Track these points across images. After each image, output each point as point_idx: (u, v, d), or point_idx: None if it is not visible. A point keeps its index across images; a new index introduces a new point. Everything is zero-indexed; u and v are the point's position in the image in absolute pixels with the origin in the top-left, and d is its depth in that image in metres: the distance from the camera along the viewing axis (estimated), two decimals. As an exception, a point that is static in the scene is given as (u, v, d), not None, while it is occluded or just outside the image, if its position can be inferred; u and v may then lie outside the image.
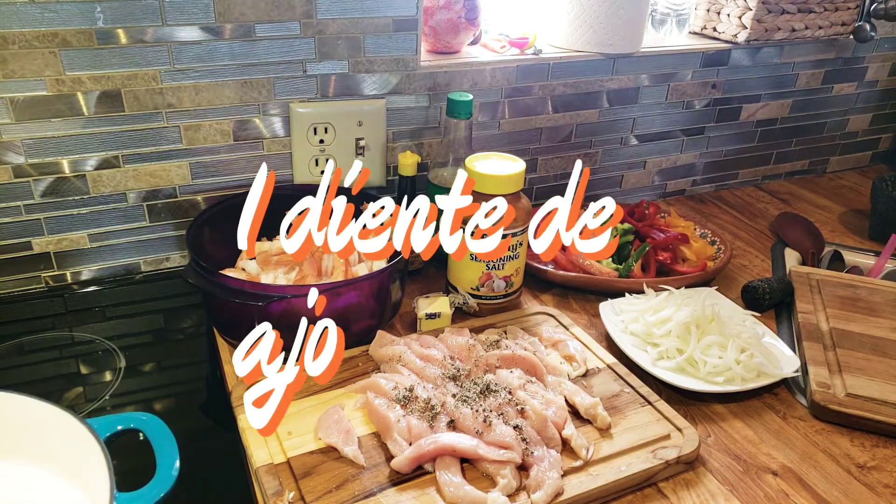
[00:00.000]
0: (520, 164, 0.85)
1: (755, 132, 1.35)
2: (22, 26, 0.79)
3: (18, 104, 0.82)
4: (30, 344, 0.83)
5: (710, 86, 1.23)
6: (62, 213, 0.90)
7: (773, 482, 0.69)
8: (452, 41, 1.03)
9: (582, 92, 1.13)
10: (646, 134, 1.23)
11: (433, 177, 0.96)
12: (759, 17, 1.15)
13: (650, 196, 1.31)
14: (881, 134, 1.52)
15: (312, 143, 0.97)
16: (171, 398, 0.77)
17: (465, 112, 0.92)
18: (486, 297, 0.89)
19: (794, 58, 1.29)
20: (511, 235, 0.85)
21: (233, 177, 0.97)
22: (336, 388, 0.74)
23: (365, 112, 0.98)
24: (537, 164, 1.17)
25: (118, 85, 0.86)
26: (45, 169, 0.87)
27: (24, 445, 0.58)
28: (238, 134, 0.94)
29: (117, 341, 0.83)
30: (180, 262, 0.99)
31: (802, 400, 0.80)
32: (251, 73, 0.91)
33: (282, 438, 0.66)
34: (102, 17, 0.81)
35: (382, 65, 0.97)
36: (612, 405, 0.73)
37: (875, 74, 1.41)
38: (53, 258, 0.92)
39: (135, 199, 0.93)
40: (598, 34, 1.08)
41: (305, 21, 0.91)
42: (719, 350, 0.80)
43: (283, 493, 0.61)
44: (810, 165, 1.47)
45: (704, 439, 0.73)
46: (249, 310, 0.74)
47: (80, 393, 0.76)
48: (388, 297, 0.82)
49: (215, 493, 0.66)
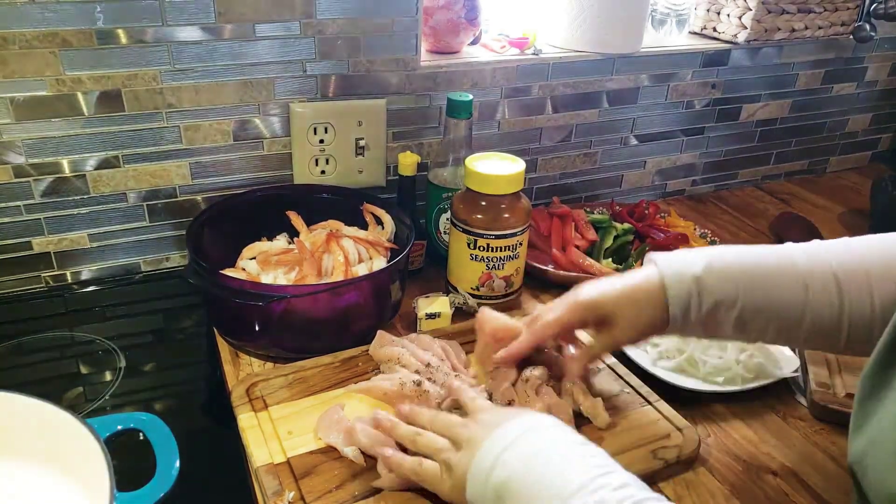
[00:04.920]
0: (520, 164, 0.85)
1: (755, 132, 1.35)
2: (22, 26, 0.79)
3: (18, 104, 0.82)
4: (30, 344, 0.83)
5: (710, 86, 1.23)
6: (62, 213, 0.90)
7: (773, 482, 0.69)
8: (452, 41, 1.03)
9: (582, 92, 1.13)
10: (646, 134, 1.23)
11: (433, 177, 0.96)
12: (758, 17, 1.15)
13: (650, 196, 1.31)
14: (881, 134, 1.52)
15: (312, 143, 0.97)
16: (171, 398, 0.77)
17: (465, 112, 0.92)
18: (486, 297, 0.89)
19: (794, 58, 1.29)
20: (511, 236, 0.85)
21: (233, 177, 0.97)
22: (336, 387, 0.74)
23: (365, 112, 0.98)
24: (537, 164, 1.17)
25: (118, 85, 0.86)
26: (45, 169, 0.87)
27: (24, 445, 0.58)
28: (238, 134, 0.94)
29: (117, 341, 0.83)
30: (180, 262, 0.99)
31: (802, 400, 0.80)
32: (251, 73, 0.91)
33: (282, 438, 0.66)
34: (102, 17, 0.81)
35: (382, 65, 0.97)
36: (612, 405, 0.73)
37: (875, 74, 1.41)
38: (53, 258, 0.92)
39: (135, 199, 0.93)
40: (597, 34, 1.08)
41: (305, 21, 0.91)
42: (719, 350, 0.81)
43: (283, 493, 0.61)
44: (810, 165, 1.47)
45: (704, 439, 0.73)
46: (249, 310, 0.74)
47: (80, 393, 0.76)
48: (388, 297, 0.82)
49: (215, 493, 0.66)
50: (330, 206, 0.92)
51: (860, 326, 0.61)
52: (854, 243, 0.65)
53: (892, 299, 0.61)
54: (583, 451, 0.53)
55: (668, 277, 0.64)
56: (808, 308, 0.62)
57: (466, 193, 0.86)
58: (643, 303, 0.64)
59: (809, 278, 0.62)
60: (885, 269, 0.61)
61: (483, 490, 0.53)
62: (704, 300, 0.63)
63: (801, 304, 0.62)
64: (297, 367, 0.76)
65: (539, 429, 0.55)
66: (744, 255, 0.65)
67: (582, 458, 0.51)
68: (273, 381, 0.74)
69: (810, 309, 0.62)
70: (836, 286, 0.61)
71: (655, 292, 0.64)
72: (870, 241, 0.65)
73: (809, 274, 0.62)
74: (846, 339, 0.62)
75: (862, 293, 0.61)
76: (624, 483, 0.49)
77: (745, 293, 0.62)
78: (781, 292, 0.62)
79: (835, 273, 0.62)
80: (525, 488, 0.50)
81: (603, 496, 0.47)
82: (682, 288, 0.63)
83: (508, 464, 0.52)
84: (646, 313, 0.64)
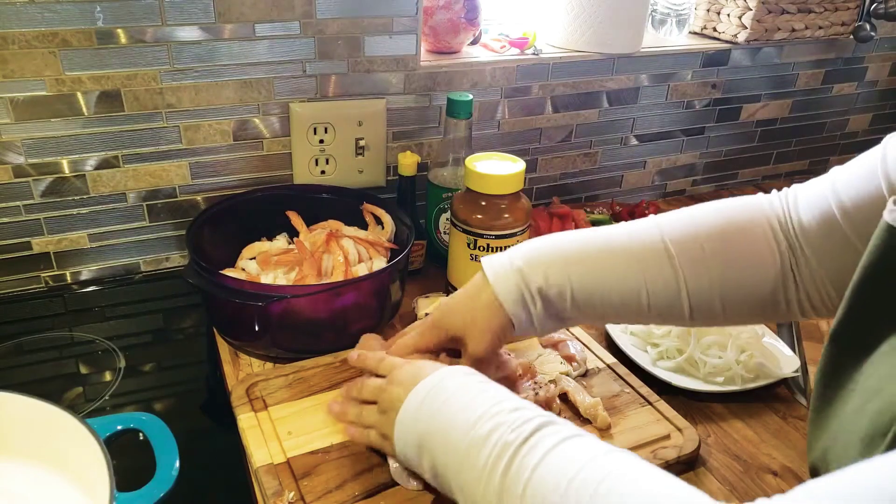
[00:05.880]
0: (520, 164, 0.85)
1: (755, 132, 1.35)
2: (21, 26, 0.79)
3: (18, 104, 0.82)
4: (30, 344, 0.83)
5: (710, 86, 1.23)
6: (62, 213, 0.90)
7: (773, 482, 0.69)
8: (452, 41, 1.03)
9: (582, 92, 1.13)
10: (646, 134, 1.23)
11: (433, 177, 0.96)
12: (759, 17, 1.15)
13: (650, 196, 1.31)
14: (881, 134, 1.50)
15: (312, 143, 0.97)
16: (171, 398, 0.77)
17: (465, 112, 0.92)
18: (486, 297, 0.89)
19: (794, 58, 1.29)
20: (511, 236, 0.85)
21: (233, 177, 0.97)
22: (336, 388, 0.74)
23: (365, 112, 0.98)
24: (537, 164, 1.17)
25: (118, 85, 0.86)
26: (44, 169, 0.87)
27: (24, 445, 0.58)
28: (238, 134, 0.94)
29: (117, 341, 0.83)
30: (180, 262, 0.99)
31: (802, 400, 0.80)
32: (251, 73, 0.91)
33: (282, 438, 0.66)
34: (102, 17, 0.81)
35: (382, 65, 0.97)
36: (612, 405, 0.73)
37: (875, 74, 1.41)
38: (53, 258, 0.92)
39: (134, 199, 0.93)
40: (597, 34, 1.08)
41: (305, 21, 0.91)
42: (719, 350, 0.81)
43: (282, 494, 0.61)
44: (810, 165, 1.47)
45: (704, 439, 0.73)
46: (249, 310, 0.74)
47: (80, 393, 0.76)
48: (388, 297, 0.82)
49: (215, 493, 0.66)
50: (330, 206, 0.92)
51: (701, 301, 0.62)
52: (686, 214, 0.66)
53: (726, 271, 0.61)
54: (483, 387, 0.56)
55: (494, 279, 0.63)
56: (645, 286, 0.62)
57: (466, 193, 0.86)
58: (484, 311, 0.64)
59: (641, 255, 0.62)
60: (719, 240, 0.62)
61: (408, 446, 0.57)
62: (533, 292, 0.62)
63: (635, 281, 0.62)
64: (297, 368, 0.76)
65: (446, 379, 0.57)
66: (566, 240, 0.65)
67: (482, 394, 0.54)
68: (273, 382, 0.74)
69: (646, 287, 0.62)
70: (668, 261, 0.62)
71: (489, 297, 0.63)
72: (704, 210, 0.65)
73: (641, 251, 0.63)
74: (689, 314, 0.63)
75: (697, 267, 0.62)
76: (518, 406, 0.52)
77: (574, 277, 0.62)
78: (612, 272, 0.63)
79: (667, 247, 0.62)
80: (439, 434, 0.54)
81: (500, 420, 0.50)
82: (510, 286, 0.63)
83: (423, 418, 0.56)
84: (491, 320, 0.64)
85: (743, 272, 0.62)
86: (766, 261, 0.62)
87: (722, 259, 0.62)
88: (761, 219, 0.63)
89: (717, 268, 0.62)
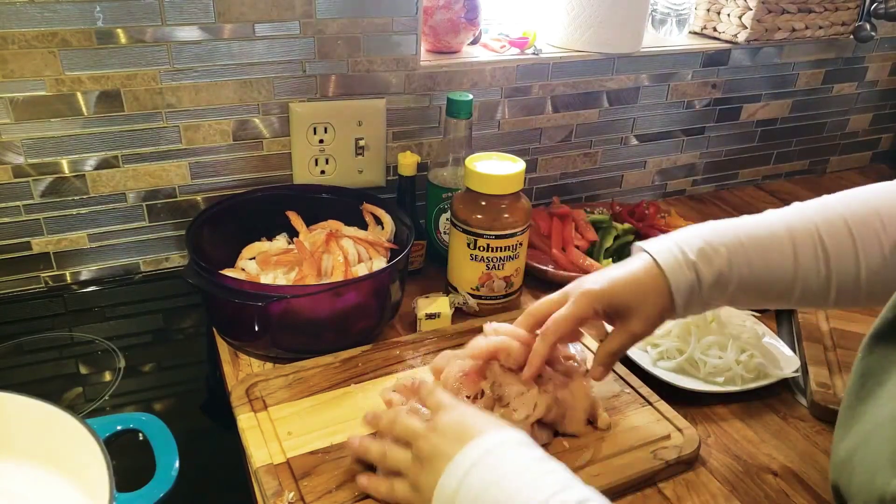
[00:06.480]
0: (520, 164, 0.85)
1: (755, 132, 1.35)
2: (21, 26, 0.79)
3: (18, 104, 0.82)
4: (29, 344, 0.83)
5: (710, 86, 1.23)
6: (62, 213, 0.90)
7: (773, 482, 0.69)
8: (452, 41, 1.03)
9: (582, 92, 1.13)
10: (646, 134, 1.23)
11: (433, 177, 0.96)
12: (759, 17, 1.15)
13: (650, 196, 1.31)
14: (881, 134, 1.52)
15: (312, 142, 0.97)
16: (170, 398, 0.77)
17: (465, 112, 0.92)
18: (486, 298, 0.89)
19: (794, 58, 1.29)
20: (511, 236, 0.85)
21: (232, 177, 0.96)
22: (336, 388, 0.74)
23: (365, 112, 0.98)
24: (537, 164, 1.16)
25: (118, 85, 0.86)
26: (44, 169, 0.87)
27: (24, 446, 0.58)
28: (237, 134, 0.94)
29: (117, 341, 0.83)
30: (180, 262, 0.99)
31: (802, 400, 0.80)
32: (251, 73, 0.91)
33: (281, 439, 0.66)
34: (102, 16, 0.81)
35: (382, 65, 0.97)
36: (612, 405, 0.73)
37: (875, 74, 1.41)
38: (53, 258, 0.92)
39: (134, 199, 0.93)
40: (597, 34, 1.08)
41: (305, 21, 0.91)
42: (719, 350, 0.81)
43: (282, 494, 0.61)
44: (810, 165, 1.47)
45: (704, 439, 0.73)
46: (249, 310, 0.74)
47: (80, 393, 0.76)
48: (387, 297, 0.82)
49: (215, 493, 0.66)
50: (330, 206, 0.92)
51: (847, 287, 0.63)
52: (832, 200, 0.67)
53: (877, 258, 0.62)
54: (542, 467, 0.52)
55: (666, 267, 0.63)
56: (798, 274, 0.63)
57: (466, 193, 0.86)
58: (651, 293, 0.64)
59: (798, 243, 0.64)
60: (867, 225, 0.63)
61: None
62: (704, 285, 0.63)
63: (791, 271, 0.63)
64: (297, 368, 0.76)
65: (499, 449, 0.54)
66: (733, 231, 0.65)
67: (542, 476, 0.51)
68: (273, 382, 0.74)
69: (800, 275, 0.63)
70: (822, 249, 0.63)
71: (659, 282, 0.64)
72: (847, 197, 0.66)
73: (797, 239, 0.64)
74: (834, 299, 0.64)
75: (848, 253, 0.62)
76: (584, 498, 0.49)
77: (739, 269, 0.63)
78: (772, 264, 0.63)
79: (820, 235, 0.63)
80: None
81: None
82: (682, 276, 0.63)
83: (472, 488, 0.51)
84: (656, 303, 0.64)
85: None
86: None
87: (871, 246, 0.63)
88: None
89: (864, 255, 0.62)
